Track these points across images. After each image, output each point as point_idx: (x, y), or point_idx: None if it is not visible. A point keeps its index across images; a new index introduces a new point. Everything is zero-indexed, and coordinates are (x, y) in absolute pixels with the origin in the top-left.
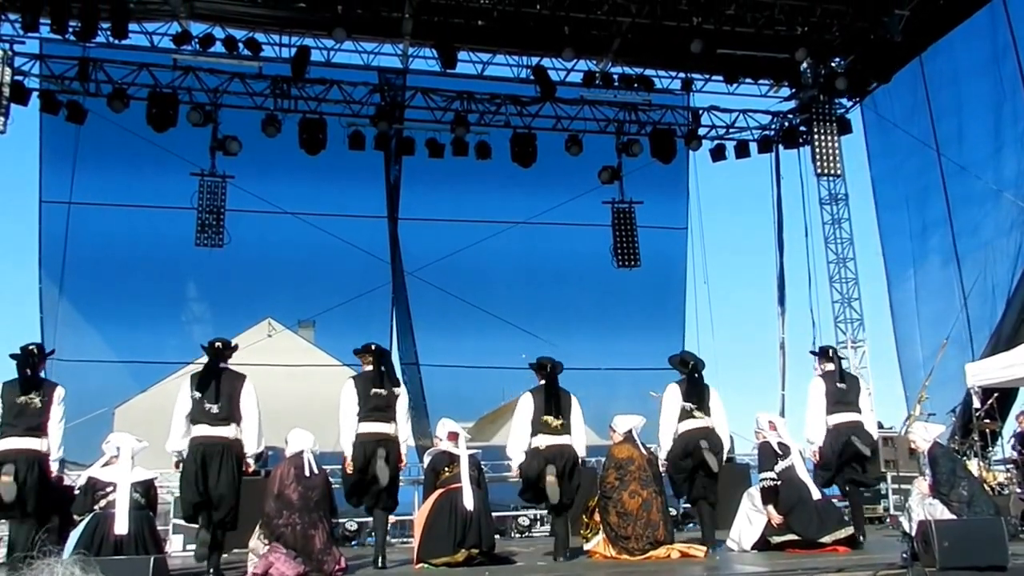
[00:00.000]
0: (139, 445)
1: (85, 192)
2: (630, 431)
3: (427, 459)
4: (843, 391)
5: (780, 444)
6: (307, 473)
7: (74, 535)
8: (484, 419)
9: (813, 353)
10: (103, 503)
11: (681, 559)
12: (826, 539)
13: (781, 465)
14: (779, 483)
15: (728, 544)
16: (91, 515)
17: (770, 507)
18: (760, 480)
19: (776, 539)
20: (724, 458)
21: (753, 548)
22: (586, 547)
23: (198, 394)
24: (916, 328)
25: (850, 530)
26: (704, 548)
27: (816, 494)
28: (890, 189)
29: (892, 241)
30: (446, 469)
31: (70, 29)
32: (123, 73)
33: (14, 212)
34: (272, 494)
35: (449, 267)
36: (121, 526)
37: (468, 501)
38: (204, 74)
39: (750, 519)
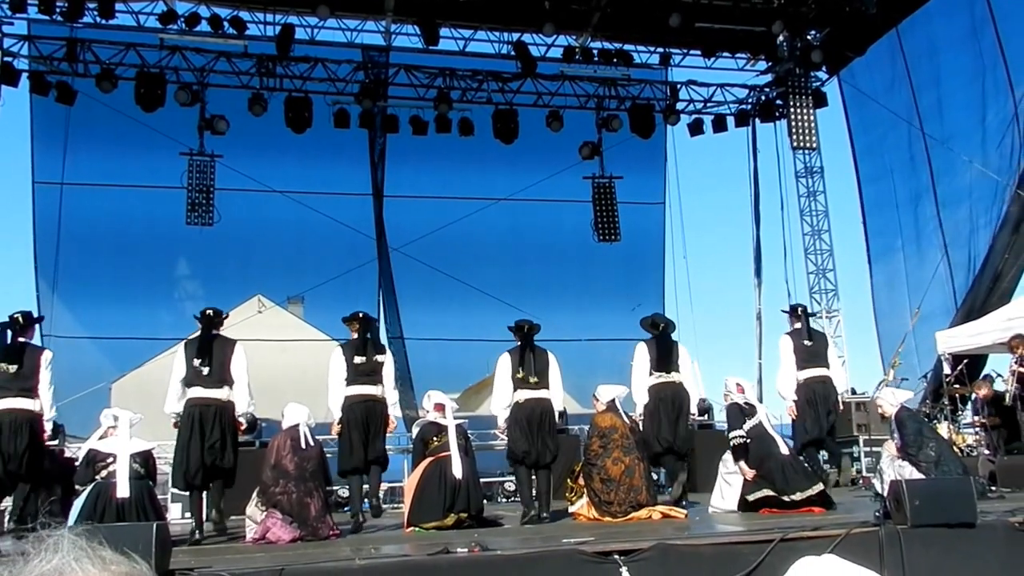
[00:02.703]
0: (135, 417)
1: (77, 172)
2: (613, 400)
3: (415, 430)
4: (810, 348)
5: (746, 404)
6: (303, 445)
7: (77, 504)
8: (470, 390)
9: (784, 311)
10: (104, 473)
11: (662, 520)
12: (797, 496)
13: (750, 423)
14: (749, 440)
15: (710, 510)
16: (92, 484)
17: (742, 463)
18: (731, 439)
19: (753, 496)
20: (690, 411)
21: (734, 508)
22: (571, 509)
23: (194, 360)
24: (896, 298)
25: (821, 487)
26: (684, 511)
27: (784, 449)
28: (873, 162)
29: (874, 213)
30: (434, 439)
31: (57, 9)
32: (110, 53)
33: (8, 193)
34: (269, 464)
35: (434, 243)
36: (123, 491)
37: (457, 469)
38: (190, 53)
39: (728, 481)
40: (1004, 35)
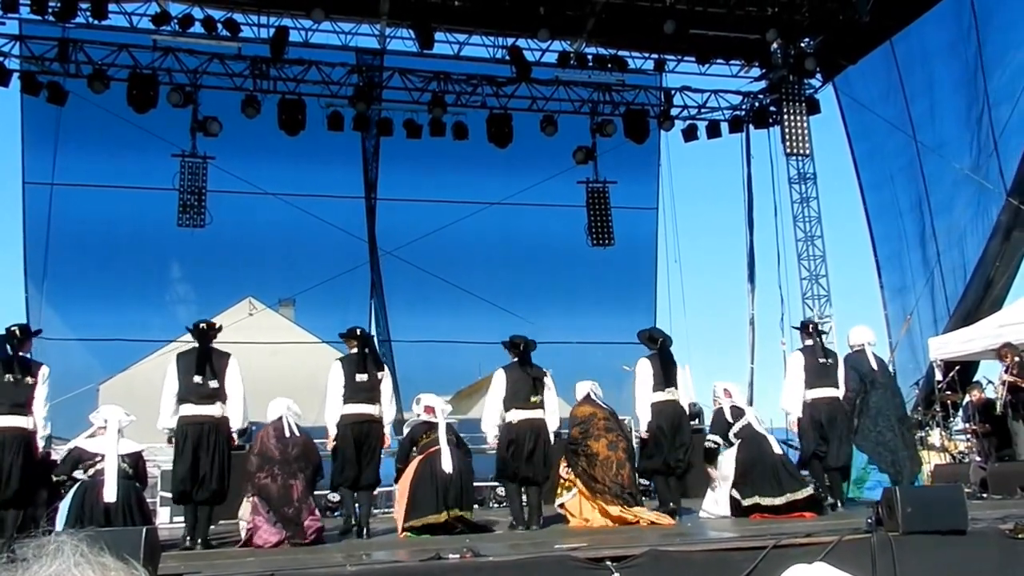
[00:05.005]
0: (127, 418)
1: (67, 173)
2: (588, 394)
3: (407, 430)
4: (824, 366)
5: (733, 407)
6: (287, 434)
7: (64, 505)
8: (461, 393)
9: (795, 328)
10: (91, 472)
11: (649, 527)
12: (781, 500)
13: (739, 424)
14: (720, 446)
15: (701, 515)
16: (79, 484)
17: (710, 468)
18: (705, 441)
19: (747, 501)
20: (688, 428)
21: (728, 513)
22: (558, 502)
23: (186, 374)
24: (907, 304)
25: (809, 490)
26: (672, 518)
27: (776, 448)
28: (873, 168)
29: (878, 219)
30: (424, 436)
31: (50, 9)
32: (103, 54)
33: None
34: (254, 453)
35: (427, 246)
36: (109, 494)
37: (447, 464)
38: (184, 55)
39: (716, 486)
40: (984, 42)
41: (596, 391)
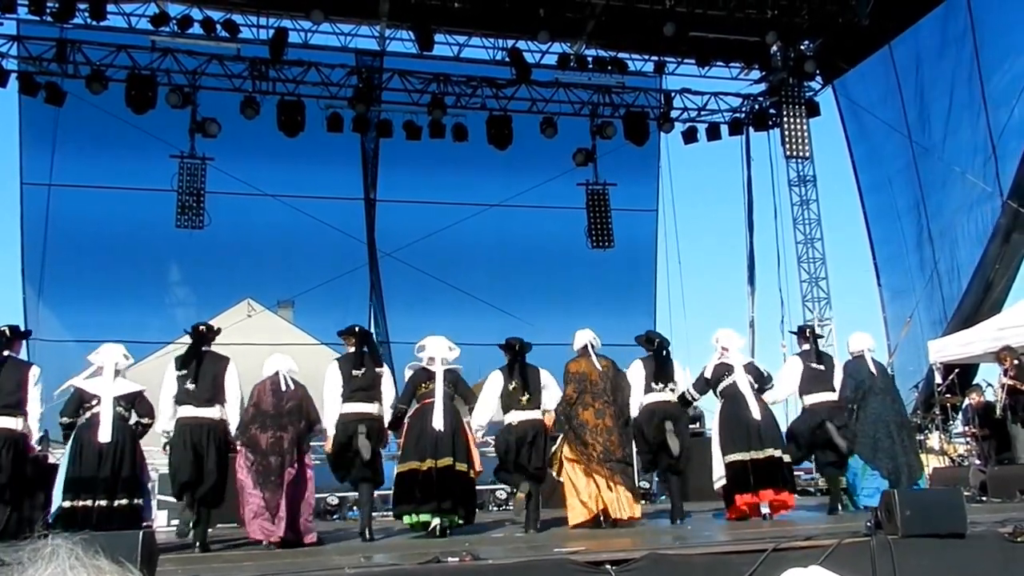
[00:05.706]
0: (125, 361)
1: (65, 174)
2: (585, 346)
3: (408, 373)
4: (819, 371)
5: (719, 365)
6: (283, 387)
7: (64, 454)
8: None
9: (792, 332)
10: (87, 415)
11: (629, 520)
12: (747, 456)
13: (725, 383)
14: (697, 398)
15: (716, 488)
16: (76, 431)
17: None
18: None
19: (727, 459)
20: (685, 428)
21: (724, 473)
22: (559, 477)
23: (184, 377)
24: (907, 307)
25: (771, 452)
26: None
27: (756, 414)
28: (872, 171)
29: (877, 222)
30: (423, 385)
31: (48, 10)
32: (101, 55)
33: None
34: (251, 404)
35: (426, 248)
36: (104, 434)
37: (438, 421)
38: (182, 56)
39: (714, 453)
40: (982, 45)
41: (595, 342)
